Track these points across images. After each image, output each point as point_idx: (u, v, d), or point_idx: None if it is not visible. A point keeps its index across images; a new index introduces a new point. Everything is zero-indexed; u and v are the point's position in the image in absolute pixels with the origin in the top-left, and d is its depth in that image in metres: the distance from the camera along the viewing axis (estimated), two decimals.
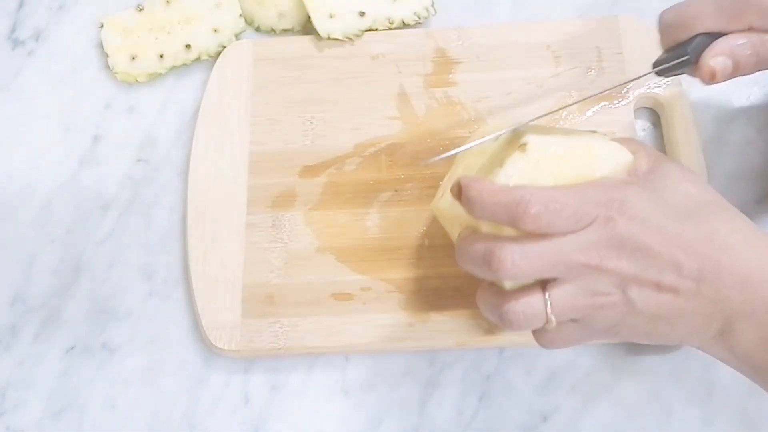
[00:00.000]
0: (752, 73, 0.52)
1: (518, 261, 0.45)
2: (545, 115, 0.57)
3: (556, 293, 0.46)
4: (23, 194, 0.67)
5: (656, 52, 0.54)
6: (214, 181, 0.64)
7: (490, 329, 0.58)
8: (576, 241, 0.45)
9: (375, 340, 0.58)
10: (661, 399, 0.57)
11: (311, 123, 0.65)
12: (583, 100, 0.62)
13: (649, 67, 0.54)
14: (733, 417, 0.56)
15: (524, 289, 0.47)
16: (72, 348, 0.62)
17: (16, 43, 0.72)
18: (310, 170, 0.64)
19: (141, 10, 0.70)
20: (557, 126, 0.64)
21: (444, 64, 0.67)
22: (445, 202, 0.53)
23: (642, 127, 0.65)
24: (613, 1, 0.69)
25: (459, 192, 0.47)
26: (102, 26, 0.70)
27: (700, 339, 0.47)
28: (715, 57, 0.51)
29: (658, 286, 0.45)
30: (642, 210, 0.45)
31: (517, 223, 0.45)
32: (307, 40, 0.69)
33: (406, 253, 0.61)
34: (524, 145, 0.48)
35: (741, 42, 0.51)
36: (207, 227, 0.62)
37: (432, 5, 0.69)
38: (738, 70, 0.52)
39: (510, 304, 0.47)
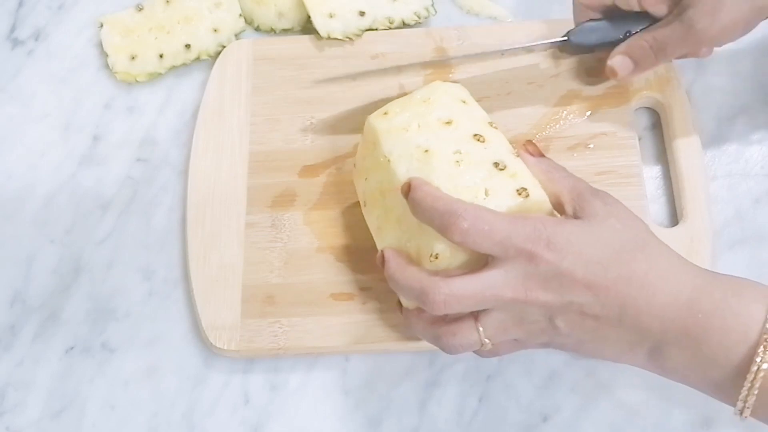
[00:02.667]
0: (653, 67, 0.60)
1: (449, 300, 0.48)
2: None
3: (487, 322, 0.50)
4: (23, 194, 0.67)
5: None
6: (214, 181, 0.64)
7: None
8: (503, 276, 0.48)
9: (375, 340, 0.58)
10: (661, 399, 0.57)
11: (311, 123, 0.65)
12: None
13: None
14: (733, 417, 0.56)
15: (458, 319, 0.50)
16: (72, 348, 0.62)
17: (15, 42, 0.72)
18: (309, 170, 0.64)
19: (141, 9, 0.70)
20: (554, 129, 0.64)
21: (444, 63, 0.67)
22: (369, 215, 0.56)
23: (643, 127, 0.65)
24: None
25: (408, 190, 0.50)
26: (101, 26, 0.70)
27: (629, 359, 0.50)
28: (615, 57, 0.60)
29: (582, 314, 0.48)
30: (569, 247, 0.47)
31: (446, 232, 0.48)
32: (306, 39, 0.69)
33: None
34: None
35: (638, 42, 0.59)
36: (207, 227, 0.62)
37: (432, 5, 0.69)
38: (639, 66, 0.60)
39: (447, 336, 0.51)
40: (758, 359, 0.44)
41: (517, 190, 0.50)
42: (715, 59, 0.66)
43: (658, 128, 0.64)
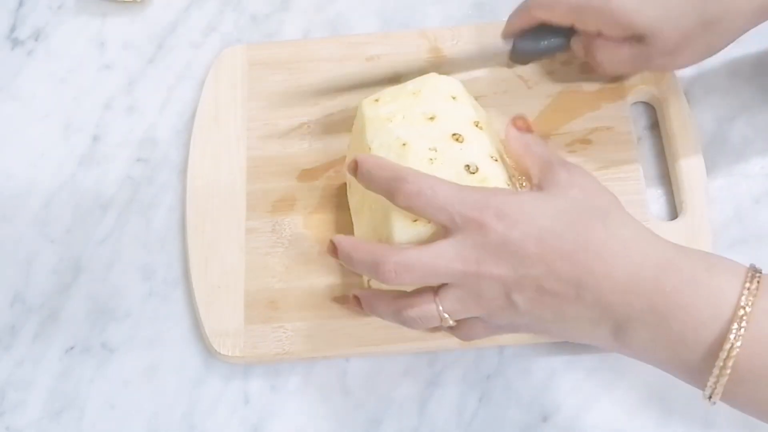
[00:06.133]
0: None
1: (399, 269, 0.47)
2: None
3: (445, 297, 0.48)
4: (23, 194, 0.67)
5: None
6: (213, 187, 0.64)
7: None
8: (453, 247, 0.46)
9: (379, 342, 0.58)
10: (661, 399, 0.57)
11: (308, 126, 0.65)
12: None
13: None
14: (734, 417, 0.56)
15: (418, 293, 0.49)
16: (72, 348, 0.62)
17: (15, 42, 0.72)
18: (308, 174, 0.64)
19: None
20: None
21: (439, 64, 0.66)
22: (351, 197, 0.58)
23: (642, 126, 0.65)
24: None
25: (355, 166, 0.50)
26: None
27: (594, 339, 0.47)
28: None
29: (540, 289, 0.46)
30: (521, 216, 0.46)
31: (393, 196, 0.47)
32: (300, 44, 0.69)
33: None
34: None
35: (592, 51, 0.59)
36: (207, 234, 0.62)
37: None
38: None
39: (406, 310, 0.49)
40: (732, 336, 0.42)
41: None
42: (715, 59, 0.66)
43: (656, 128, 0.65)
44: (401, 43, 0.68)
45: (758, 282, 0.43)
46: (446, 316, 0.48)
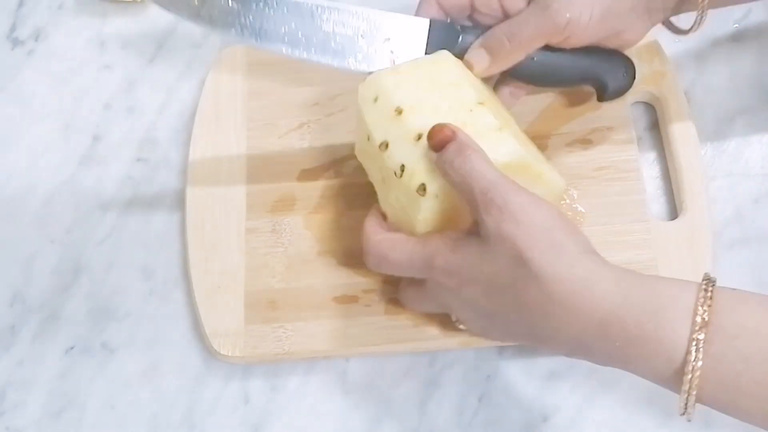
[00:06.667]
0: (512, 58, 0.56)
1: (412, 304, 0.57)
2: None
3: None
4: (23, 194, 0.67)
5: None
6: (213, 187, 0.64)
7: None
8: (431, 295, 0.53)
9: (380, 342, 0.58)
10: (661, 399, 0.57)
11: (308, 126, 0.65)
12: None
13: None
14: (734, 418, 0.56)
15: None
16: (72, 348, 0.62)
17: (15, 42, 0.72)
18: (308, 174, 0.64)
19: None
20: None
21: None
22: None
23: (642, 127, 0.65)
24: None
25: None
26: None
27: (573, 357, 0.49)
28: (471, 50, 0.56)
29: (508, 330, 0.51)
30: (465, 276, 0.49)
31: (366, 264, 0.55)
32: None
33: None
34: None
35: (493, 32, 0.55)
36: (207, 234, 0.62)
37: None
38: (495, 58, 0.55)
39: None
40: (686, 387, 0.43)
41: (417, 191, 0.51)
42: (715, 59, 0.66)
43: (656, 128, 0.65)
44: None
45: (706, 321, 0.42)
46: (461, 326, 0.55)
